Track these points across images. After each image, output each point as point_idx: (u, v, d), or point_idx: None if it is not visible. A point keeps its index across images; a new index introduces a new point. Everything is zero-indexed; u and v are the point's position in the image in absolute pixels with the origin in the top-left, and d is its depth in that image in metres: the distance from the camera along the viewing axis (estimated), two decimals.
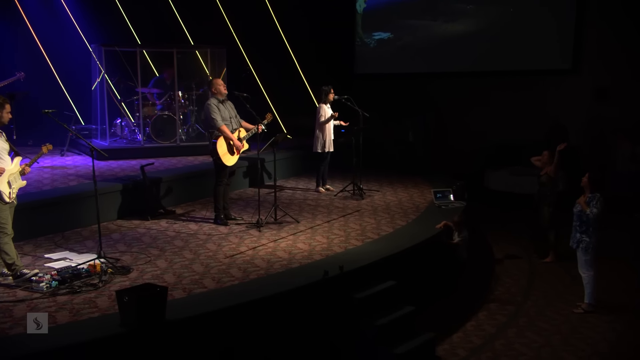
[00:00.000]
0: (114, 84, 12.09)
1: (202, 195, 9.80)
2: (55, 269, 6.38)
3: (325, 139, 10.07)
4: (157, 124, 11.52)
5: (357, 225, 8.31)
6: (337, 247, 7.32)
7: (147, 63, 12.73)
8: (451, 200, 9.29)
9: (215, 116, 8.02)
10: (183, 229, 8.13)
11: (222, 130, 8.03)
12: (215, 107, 8.06)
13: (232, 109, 8.35)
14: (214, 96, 8.17)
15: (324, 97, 10.11)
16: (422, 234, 7.74)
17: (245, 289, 5.97)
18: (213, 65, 12.05)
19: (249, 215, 8.81)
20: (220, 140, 8.06)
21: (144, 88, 11.79)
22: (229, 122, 8.18)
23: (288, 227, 8.20)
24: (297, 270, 6.50)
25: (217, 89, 8.14)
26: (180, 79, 11.75)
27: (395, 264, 6.95)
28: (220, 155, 8.08)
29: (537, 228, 8.89)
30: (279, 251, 7.18)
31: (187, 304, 5.56)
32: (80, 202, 8.21)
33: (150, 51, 12.41)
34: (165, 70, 12.28)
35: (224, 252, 7.15)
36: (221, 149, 8.08)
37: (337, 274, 6.22)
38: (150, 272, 6.44)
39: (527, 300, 7.71)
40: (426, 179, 11.39)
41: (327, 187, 10.51)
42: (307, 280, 6.11)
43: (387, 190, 10.53)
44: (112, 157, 10.94)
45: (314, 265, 6.66)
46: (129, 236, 7.80)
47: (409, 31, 14.11)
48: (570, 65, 13.11)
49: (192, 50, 12.59)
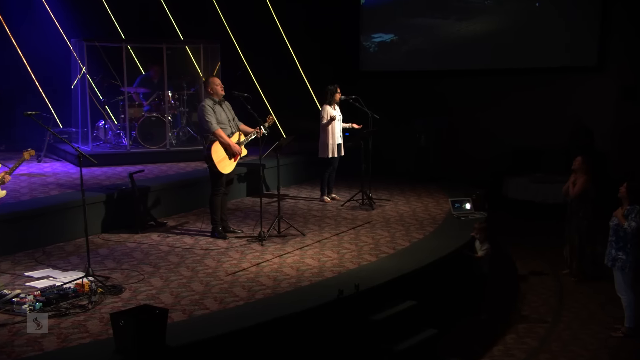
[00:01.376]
0: (96, 83, 11.98)
1: (196, 206, 9.71)
2: (38, 289, 6.25)
3: (329, 142, 9.96)
4: (144, 126, 11.42)
5: (370, 238, 8.21)
6: (350, 263, 7.22)
7: (132, 60, 12.63)
8: (471, 211, 9.20)
9: (210, 119, 7.92)
10: (177, 243, 8.02)
11: (217, 134, 7.93)
12: (210, 109, 7.95)
13: (229, 110, 8.25)
14: (210, 97, 8.07)
15: (329, 97, 10.03)
16: (442, 247, 7.66)
17: (252, 310, 5.86)
18: (205, 63, 11.95)
19: (249, 227, 8.71)
20: (215, 146, 7.96)
21: (130, 87, 11.68)
22: (225, 125, 8.08)
23: (293, 240, 8.10)
24: (308, 289, 6.39)
25: (213, 89, 8.04)
26: (170, 77, 11.65)
27: (415, 282, 6.85)
28: (216, 162, 7.97)
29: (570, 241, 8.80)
30: (286, 267, 7.07)
31: (189, 327, 5.45)
32: (62, 214, 8.11)
33: (136, 47, 12.29)
34: (152, 68, 12.19)
35: (225, 268, 7.04)
36: (217, 154, 7.97)
37: (352, 293, 6.12)
38: (145, 292, 6.32)
39: (558, 322, 7.61)
40: (441, 187, 11.34)
41: (332, 197, 10.42)
42: (319, 300, 6.00)
43: (399, 200, 10.45)
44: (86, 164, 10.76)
45: (325, 283, 6.55)
46: (118, 251, 7.68)
47: (415, 32, 13.98)
48: (595, 62, 13.08)
49: (182, 45, 12.50)
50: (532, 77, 13.39)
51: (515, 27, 13.41)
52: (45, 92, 13.01)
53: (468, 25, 13.62)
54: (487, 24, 13.57)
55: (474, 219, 8.92)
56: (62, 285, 6.27)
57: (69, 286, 6.23)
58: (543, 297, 8.33)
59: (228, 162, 8.07)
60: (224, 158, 8.01)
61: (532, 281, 8.88)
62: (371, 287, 6.35)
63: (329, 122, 9.91)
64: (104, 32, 12.89)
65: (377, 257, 7.42)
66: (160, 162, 11.18)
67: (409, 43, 14.10)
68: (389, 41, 14.22)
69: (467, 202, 9.29)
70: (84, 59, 11.29)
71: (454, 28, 13.71)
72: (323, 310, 5.92)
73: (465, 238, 7.99)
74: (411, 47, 14.08)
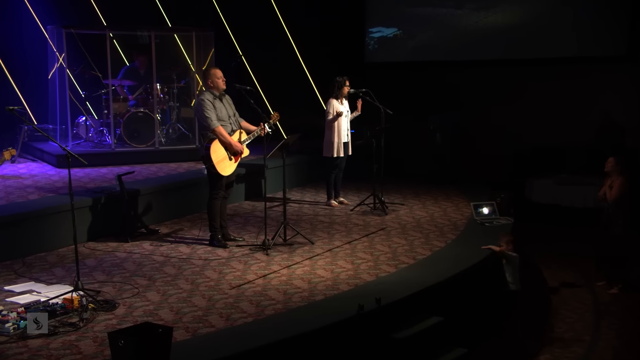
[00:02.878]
0: (76, 75, 11.85)
1: (190, 211, 9.66)
2: (21, 305, 6.12)
3: (335, 140, 9.87)
4: (130, 123, 11.35)
5: (386, 247, 8.13)
6: (366, 274, 7.14)
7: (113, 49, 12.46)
8: (495, 216, 9.13)
9: (210, 114, 7.81)
10: (173, 253, 7.92)
11: (217, 132, 7.82)
12: (210, 104, 7.85)
13: (230, 106, 8.15)
14: (209, 90, 7.96)
15: (337, 90, 9.95)
16: (468, 257, 7.58)
17: (262, 327, 5.76)
18: (198, 52, 11.85)
19: (250, 234, 8.64)
20: (214, 144, 7.85)
21: (114, 80, 11.58)
22: (226, 122, 7.98)
23: (301, 249, 8.02)
24: (323, 304, 6.30)
25: (214, 82, 7.93)
26: (158, 68, 11.54)
27: (440, 296, 6.77)
28: (215, 163, 7.86)
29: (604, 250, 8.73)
30: (296, 279, 6.98)
31: (194, 347, 5.34)
32: (43, 221, 8.00)
33: (121, 34, 12.16)
34: (138, 57, 12.09)
35: (228, 281, 6.94)
36: (216, 154, 7.86)
37: (373, 309, 6.02)
38: (141, 308, 6.20)
39: (597, 340, 7.52)
40: (459, 189, 11.32)
41: (340, 200, 10.35)
42: (337, 316, 5.90)
43: (414, 204, 10.39)
44: (75, 164, 10.67)
45: (342, 297, 6.46)
46: (107, 262, 7.57)
47: (424, 23, 13.83)
48: (624, 51, 12.99)
49: (173, 33, 12.38)
50: (554, 68, 13.27)
51: (536, 13, 13.31)
52: (18, 85, 12.84)
53: (487, 15, 13.45)
54: (506, 13, 13.42)
55: (499, 225, 8.85)
56: (49, 301, 6.14)
57: (56, 301, 6.11)
58: (578, 313, 8.25)
59: (228, 163, 7.97)
60: (224, 158, 7.91)
61: (564, 294, 8.81)
62: (393, 301, 6.25)
63: (335, 118, 9.83)
64: (83, 18, 12.76)
65: (396, 268, 7.33)
66: (149, 163, 11.11)
67: (417, 33, 14.00)
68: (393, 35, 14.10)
69: (491, 206, 9.22)
70: (62, 48, 11.18)
71: (471, 20, 13.55)
72: (342, 327, 5.82)
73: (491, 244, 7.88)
74: (421, 37, 13.98)
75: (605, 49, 13.09)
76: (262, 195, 10.77)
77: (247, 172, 10.40)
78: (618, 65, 13.03)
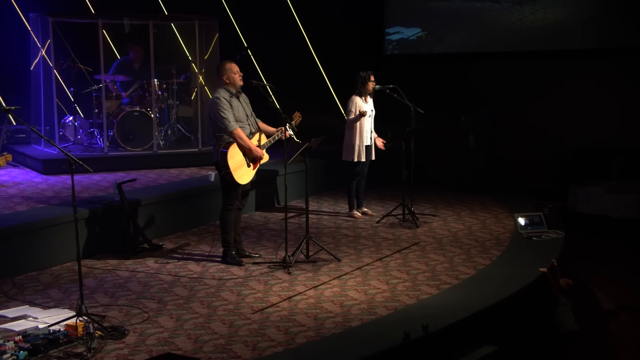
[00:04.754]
0: (63, 70, 11.78)
1: (195, 223, 9.64)
2: (17, 332, 6.03)
3: (356, 143, 9.82)
4: (124, 124, 11.34)
5: (422, 264, 8.06)
6: (405, 296, 7.05)
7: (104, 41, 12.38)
8: (544, 229, 9.08)
9: (227, 114, 7.74)
10: (182, 271, 7.84)
11: (235, 135, 7.75)
12: (227, 103, 7.78)
13: (247, 105, 8.10)
14: (224, 87, 7.89)
15: (360, 86, 9.93)
16: (518, 277, 7.49)
17: (295, 358, 5.65)
18: (200, 43, 11.80)
19: (266, 250, 8.59)
20: (232, 149, 7.77)
21: (106, 75, 11.52)
22: (243, 124, 7.91)
23: (327, 267, 7.95)
24: (360, 331, 6.20)
25: (230, 77, 7.86)
26: (155, 62, 11.48)
27: (492, 321, 6.68)
28: (232, 170, 7.78)
29: None
30: (326, 302, 6.89)
31: None
32: (34, 236, 7.91)
33: (115, 24, 12.10)
34: (132, 49, 12.06)
35: (249, 304, 6.85)
36: (233, 160, 7.78)
37: (420, 336, 5.92)
38: (154, 335, 6.11)
39: None
40: (494, 198, 11.29)
41: (364, 211, 10.30)
42: (379, 345, 5.80)
43: (447, 214, 10.33)
44: (62, 170, 10.67)
45: (381, 323, 6.37)
46: (109, 282, 7.48)
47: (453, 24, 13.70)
48: None
49: (173, 22, 12.31)
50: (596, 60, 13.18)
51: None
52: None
53: (534, 11, 13.27)
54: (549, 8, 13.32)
55: (548, 240, 8.79)
56: (49, 328, 6.05)
57: (57, 328, 6.01)
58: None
59: (246, 170, 7.89)
60: (242, 165, 7.83)
61: (624, 319, 8.70)
62: (442, 327, 6.15)
63: (357, 117, 9.78)
64: (70, 4, 12.69)
65: (438, 289, 7.25)
66: (146, 169, 11.09)
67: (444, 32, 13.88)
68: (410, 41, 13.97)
69: (538, 218, 9.17)
70: (47, 38, 11.10)
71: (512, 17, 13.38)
72: (386, 358, 5.72)
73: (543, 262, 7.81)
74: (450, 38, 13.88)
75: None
76: (274, 205, 10.82)
77: (257, 179, 10.28)
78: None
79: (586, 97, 13.19)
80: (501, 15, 13.35)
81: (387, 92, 9.94)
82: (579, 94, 13.23)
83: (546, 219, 9.22)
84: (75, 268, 7.73)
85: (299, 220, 10.02)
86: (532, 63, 13.54)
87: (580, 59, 13.27)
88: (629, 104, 12.99)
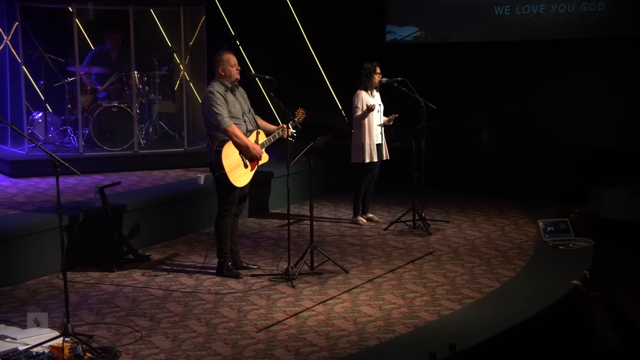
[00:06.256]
0: (32, 61, 11.69)
1: (184, 231, 9.61)
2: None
3: (366, 142, 9.79)
4: (102, 121, 11.28)
5: (440, 276, 8.01)
6: (425, 312, 6.99)
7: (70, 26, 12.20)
8: (570, 237, 9.08)
9: (221, 110, 7.66)
10: (173, 285, 7.76)
11: (230, 132, 7.67)
12: (221, 98, 7.71)
13: (245, 100, 8.03)
14: (219, 80, 7.81)
15: (365, 79, 9.87)
16: (549, 290, 7.48)
17: None
18: (185, 32, 11.73)
19: (264, 261, 8.54)
20: (227, 148, 7.69)
21: (81, 67, 11.46)
22: (240, 120, 7.83)
23: (334, 279, 7.89)
24: (380, 351, 6.15)
25: (226, 70, 7.79)
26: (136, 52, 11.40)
27: (523, 339, 6.65)
28: (227, 171, 7.69)
29: None
30: (337, 319, 6.82)
31: None
32: (8, 246, 7.81)
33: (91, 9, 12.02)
34: (109, 37, 11.99)
35: (252, 321, 6.77)
36: (229, 160, 7.70)
37: (447, 357, 5.85)
38: (150, 357, 6.03)
39: None
40: (513, 202, 11.28)
41: (369, 217, 10.27)
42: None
43: (461, 221, 10.31)
44: (33, 173, 10.61)
45: (402, 342, 6.31)
46: (93, 297, 7.40)
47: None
48: None
49: (156, 7, 12.22)
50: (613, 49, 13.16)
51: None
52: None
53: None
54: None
55: (577, 249, 8.79)
56: (30, 350, 5.94)
57: (40, 350, 5.92)
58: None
59: (243, 171, 7.82)
60: (239, 165, 7.75)
61: None
62: (470, 347, 6.10)
63: (365, 113, 9.73)
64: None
65: (460, 304, 7.20)
66: (126, 170, 11.03)
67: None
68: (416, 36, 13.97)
69: (564, 225, 9.17)
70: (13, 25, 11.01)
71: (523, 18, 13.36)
72: None
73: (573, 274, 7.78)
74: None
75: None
76: (269, 211, 10.77)
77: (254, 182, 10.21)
78: None
79: (603, 89, 13.15)
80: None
81: (395, 85, 9.89)
82: (596, 85, 13.20)
83: (573, 225, 9.19)
84: (54, 282, 7.83)
85: (298, 227, 9.96)
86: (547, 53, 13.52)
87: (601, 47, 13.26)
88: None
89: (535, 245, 9.11)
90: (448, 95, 12.98)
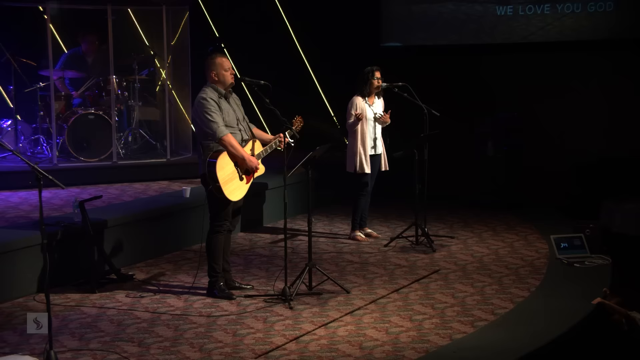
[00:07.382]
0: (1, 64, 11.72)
1: (169, 249, 9.59)
2: None
3: (359, 150, 9.78)
4: (77, 129, 11.25)
5: (449, 296, 7.99)
6: (435, 335, 6.95)
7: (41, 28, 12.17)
8: (586, 253, 9.11)
9: (215, 118, 7.63)
10: (161, 307, 7.70)
11: (225, 141, 7.63)
12: (214, 105, 7.67)
13: (239, 108, 8.02)
14: (212, 86, 7.79)
15: (363, 85, 9.88)
16: (568, 311, 7.47)
17: None
18: (167, 33, 11.73)
19: (257, 280, 8.51)
20: (222, 159, 7.65)
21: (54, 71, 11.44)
22: (234, 129, 7.80)
23: (334, 300, 7.85)
24: None
25: (220, 74, 7.76)
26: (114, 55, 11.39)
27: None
28: (222, 183, 7.66)
29: None
30: (341, 344, 6.77)
31: None
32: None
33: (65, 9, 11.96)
34: (85, 39, 11.99)
35: (249, 346, 6.70)
36: (223, 172, 7.66)
37: None
38: None
39: None
40: (521, 216, 11.30)
41: (367, 232, 10.26)
42: None
43: (466, 236, 10.32)
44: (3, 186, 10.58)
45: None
46: (74, 321, 7.32)
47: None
48: None
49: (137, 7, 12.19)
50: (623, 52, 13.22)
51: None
52: None
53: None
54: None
55: (593, 267, 8.80)
56: None
57: None
58: None
59: (238, 184, 7.79)
60: (234, 178, 7.72)
61: None
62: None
63: (354, 121, 9.77)
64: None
65: (473, 327, 7.16)
66: (105, 183, 11.01)
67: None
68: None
69: (578, 241, 9.19)
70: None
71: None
72: None
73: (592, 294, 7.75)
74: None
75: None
76: (261, 225, 10.76)
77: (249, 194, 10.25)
78: None
79: (611, 95, 13.20)
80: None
81: (396, 90, 9.88)
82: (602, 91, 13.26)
83: (588, 241, 9.21)
84: (30, 305, 7.79)
85: (291, 243, 9.92)
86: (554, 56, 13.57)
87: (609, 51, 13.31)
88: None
89: (548, 262, 9.12)
90: (450, 101, 13.02)
